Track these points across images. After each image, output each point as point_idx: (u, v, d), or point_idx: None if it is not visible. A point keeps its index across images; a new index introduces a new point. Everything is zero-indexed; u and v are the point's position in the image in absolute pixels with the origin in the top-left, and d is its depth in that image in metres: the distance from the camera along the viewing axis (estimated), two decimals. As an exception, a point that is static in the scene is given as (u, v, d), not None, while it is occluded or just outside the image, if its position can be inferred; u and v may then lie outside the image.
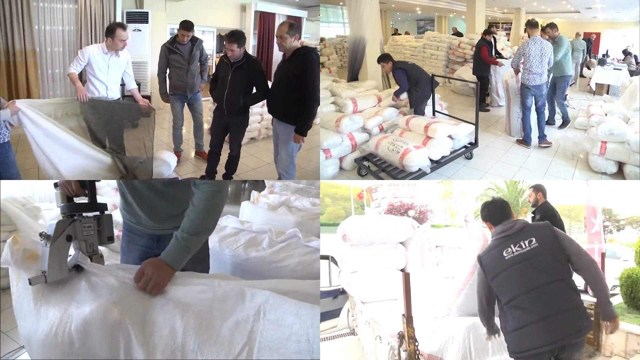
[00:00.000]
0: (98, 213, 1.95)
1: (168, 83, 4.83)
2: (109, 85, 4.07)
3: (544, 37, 5.02)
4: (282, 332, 1.49)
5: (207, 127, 5.30)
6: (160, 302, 1.67)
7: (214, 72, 4.20)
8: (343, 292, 4.17)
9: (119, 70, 4.12)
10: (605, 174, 4.34)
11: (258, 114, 6.00)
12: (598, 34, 9.69)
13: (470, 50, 8.21)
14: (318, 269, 3.04)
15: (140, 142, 4.11)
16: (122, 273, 1.78)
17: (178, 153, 5.04)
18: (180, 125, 5.06)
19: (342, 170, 4.55)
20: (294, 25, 3.53)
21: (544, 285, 1.86)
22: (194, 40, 4.75)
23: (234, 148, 4.26)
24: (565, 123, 5.64)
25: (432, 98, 4.97)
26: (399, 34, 12.02)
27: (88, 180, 2.05)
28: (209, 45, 9.62)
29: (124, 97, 4.67)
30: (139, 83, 5.97)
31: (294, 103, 3.48)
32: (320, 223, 4.12)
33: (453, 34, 10.35)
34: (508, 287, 1.93)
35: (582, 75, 8.54)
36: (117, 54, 4.02)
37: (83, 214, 1.90)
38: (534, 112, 5.00)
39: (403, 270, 3.70)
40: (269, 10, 8.82)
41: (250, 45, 8.82)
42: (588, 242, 3.85)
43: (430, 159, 4.06)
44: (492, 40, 6.73)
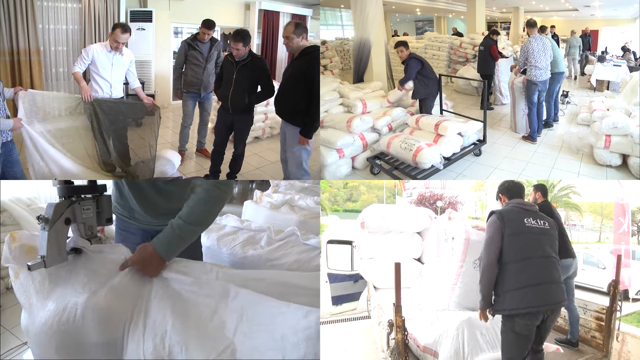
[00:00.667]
0: (97, 194, 1.89)
1: (183, 80, 4.85)
2: (113, 84, 4.09)
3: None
4: (263, 333, 1.49)
5: (211, 126, 5.30)
6: (156, 289, 1.67)
7: (219, 70, 4.22)
8: (363, 276, 4.24)
9: (123, 69, 4.14)
10: (611, 167, 4.47)
11: (262, 113, 6.04)
12: (596, 32, 9.82)
13: (472, 50, 8.34)
14: (315, 267, 3.04)
15: (144, 140, 4.14)
16: (121, 257, 1.78)
17: (182, 152, 5.06)
18: (189, 125, 5.07)
19: (354, 170, 4.66)
20: (301, 25, 3.44)
21: (548, 257, 2.23)
22: (213, 41, 4.82)
23: (239, 147, 4.27)
24: (548, 125, 5.62)
25: (439, 97, 5.10)
26: (398, 36, 12.15)
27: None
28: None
29: (127, 96, 4.69)
30: (143, 82, 5.94)
31: (302, 103, 3.41)
32: (354, 210, 4.19)
33: (453, 34, 10.47)
34: (522, 248, 2.21)
35: (582, 73, 8.68)
36: (120, 53, 4.03)
37: (82, 196, 1.84)
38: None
39: (419, 260, 3.80)
40: (273, 9, 8.84)
41: (255, 44, 8.82)
42: (614, 242, 3.82)
43: (442, 156, 4.17)
44: (497, 40, 6.90)
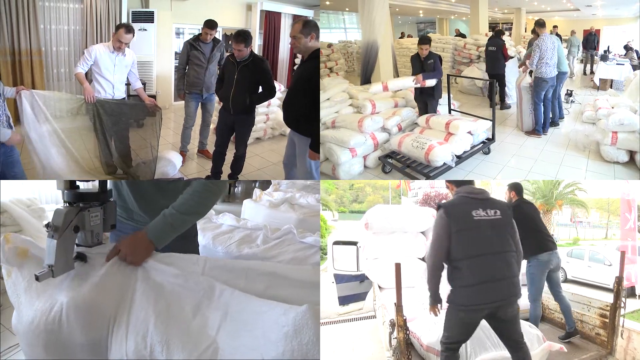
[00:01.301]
0: (104, 201, 1.85)
1: (185, 81, 4.85)
2: (115, 85, 4.11)
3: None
4: (245, 332, 1.49)
5: (212, 127, 5.30)
6: (139, 284, 1.66)
7: (220, 71, 4.23)
8: (369, 276, 4.30)
9: (125, 70, 4.15)
10: (618, 163, 4.56)
11: (264, 114, 6.07)
12: (598, 31, 9.90)
13: (476, 51, 8.45)
14: (313, 265, 3.01)
15: (146, 141, 4.15)
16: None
17: (184, 153, 5.07)
18: (191, 125, 5.08)
19: (366, 168, 4.76)
20: (310, 24, 3.14)
21: (498, 253, 2.17)
22: (215, 41, 4.83)
23: (240, 148, 4.25)
24: (554, 123, 5.68)
25: (447, 97, 5.21)
26: (408, 37, 12.27)
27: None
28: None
29: (129, 96, 4.71)
30: (145, 82, 5.98)
31: (304, 110, 3.17)
32: (360, 211, 4.26)
33: (456, 36, 10.58)
34: (470, 245, 2.15)
35: (592, 72, 8.77)
36: (123, 53, 4.05)
37: (90, 202, 1.79)
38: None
39: (423, 259, 3.87)
40: (275, 10, 8.88)
41: (256, 45, 8.87)
42: (621, 238, 3.80)
43: (454, 154, 4.26)
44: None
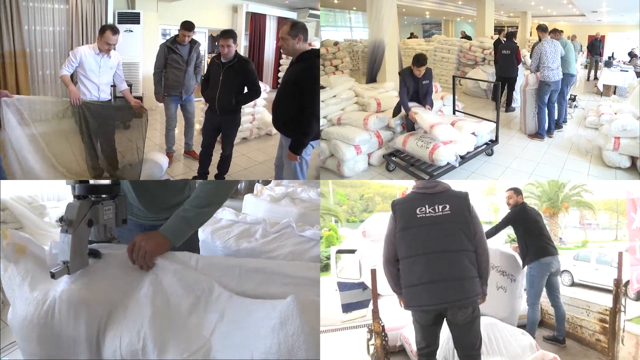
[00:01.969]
0: (116, 194, 1.83)
1: (163, 84, 4.80)
2: (101, 86, 4.05)
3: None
4: (238, 331, 1.47)
5: (198, 127, 5.29)
6: (138, 280, 1.64)
7: (206, 72, 4.21)
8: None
9: (110, 71, 4.10)
10: (620, 168, 4.62)
11: (249, 114, 6.09)
12: (603, 37, 9.97)
13: (482, 53, 8.50)
14: (311, 258, 2.94)
15: (132, 143, 4.11)
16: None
17: (170, 154, 5.05)
18: (174, 127, 5.06)
19: (370, 166, 4.81)
20: (298, 25, 3.12)
21: (444, 252, 2.02)
22: (193, 42, 4.78)
23: (227, 148, 4.25)
24: (558, 126, 5.72)
25: (452, 98, 5.26)
26: (415, 37, 12.32)
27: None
28: (201, 46, 9.89)
29: (115, 98, 4.67)
30: (131, 84, 5.89)
31: (292, 113, 3.13)
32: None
33: (462, 37, 10.62)
34: (412, 244, 2.06)
35: (595, 77, 8.82)
36: (108, 55, 4.00)
37: (102, 196, 1.76)
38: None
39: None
40: (260, 12, 9.00)
41: (242, 46, 8.93)
42: (630, 239, 3.56)
43: (458, 154, 4.30)
44: None
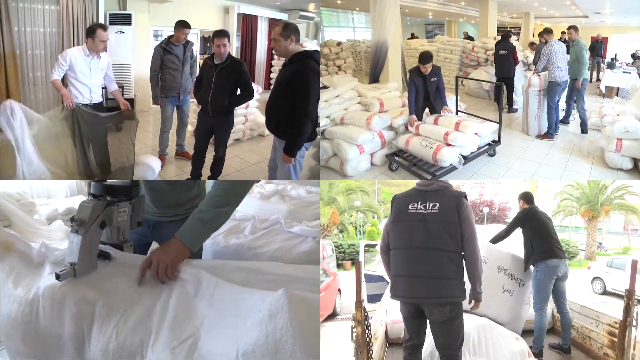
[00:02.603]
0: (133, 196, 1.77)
1: (160, 85, 4.73)
2: (92, 88, 4.01)
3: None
4: (227, 320, 1.46)
5: (191, 129, 5.26)
6: (128, 278, 1.61)
7: (198, 74, 4.21)
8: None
9: (101, 73, 4.04)
10: (622, 170, 4.63)
11: (242, 115, 6.10)
12: (605, 38, 9.97)
13: (484, 54, 8.51)
14: (298, 254, 2.92)
15: (124, 145, 4.08)
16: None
17: (163, 157, 5.01)
18: (169, 129, 5.02)
19: (372, 166, 4.83)
20: (290, 27, 3.13)
21: (424, 249, 2.08)
22: (186, 43, 4.75)
23: (220, 150, 4.24)
24: (565, 122, 5.81)
25: (455, 99, 5.28)
26: (416, 37, 12.34)
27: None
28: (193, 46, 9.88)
29: (107, 100, 4.63)
30: (122, 86, 5.88)
31: (285, 115, 3.14)
32: None
33: (465, 38, 10.63)
34: (399, 236, 2.16)
35: (598, 79, 8.83)
36: (98, 56, 3.96)
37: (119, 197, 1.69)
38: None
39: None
40: (252, 13, 9.04)
41: (234, 47, 8.91)
42: None
43: (461, 155, 4.33)
44: None
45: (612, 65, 8.27)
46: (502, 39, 7.06)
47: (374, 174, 4.77)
